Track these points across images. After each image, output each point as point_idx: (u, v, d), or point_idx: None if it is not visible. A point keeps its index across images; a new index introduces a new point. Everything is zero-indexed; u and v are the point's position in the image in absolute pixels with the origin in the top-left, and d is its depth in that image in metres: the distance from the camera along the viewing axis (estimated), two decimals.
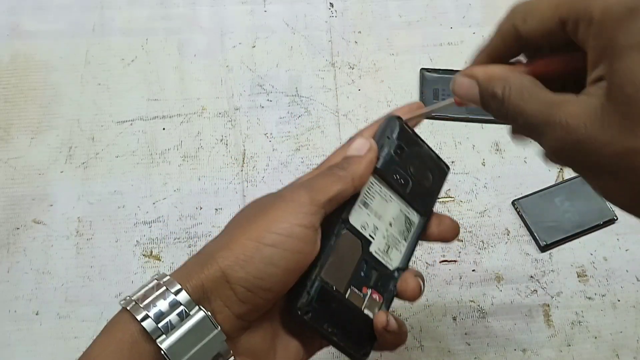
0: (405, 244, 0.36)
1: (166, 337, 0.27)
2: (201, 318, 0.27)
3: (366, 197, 0.34)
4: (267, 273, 0.28)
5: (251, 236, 0.29)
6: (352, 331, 0.33)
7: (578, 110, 0.24)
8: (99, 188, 0.53)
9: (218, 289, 0.28)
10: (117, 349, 0.27)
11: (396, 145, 0.35)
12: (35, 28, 0.60)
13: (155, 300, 0.27)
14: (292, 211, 0.29)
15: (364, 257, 0.34)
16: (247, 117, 0.57)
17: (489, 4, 0.63)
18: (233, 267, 0.28)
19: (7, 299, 0.49)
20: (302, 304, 0.31)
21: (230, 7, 0.62)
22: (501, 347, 0.49)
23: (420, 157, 0.36)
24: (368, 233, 0.34)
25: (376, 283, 0.34)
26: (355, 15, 0.63)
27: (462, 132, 0.57)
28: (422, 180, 0.36)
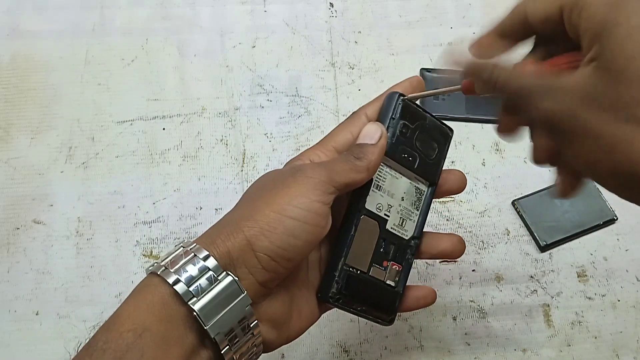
0: (418, 213, 0.38)
1: (197, 299, 0.28)
2: (229, 282, 0.29)
3: (378, 180, 0.36)
4: (289, 244, 0.30)
5: (274, 208, 0.31)
6: (378, 302, 0.37)
7: (572, 79, 0.26)
8: (99, 188, 0.53)
9: (243, 256, 0.30)
10: (148, 309, 0.28)
11: (401, 125, 0.36)
12: (35, 28, 0.60)
13: (185, 265, 0.29)
14: (312, 187, 0.31)
15: (381, 235, 0.37)
16: (247, 117, 0.57)
17: (489, 4, 0.63)
18: (258, 236, 0.30)
19: (7, 299, 0.49)
20: (333, 293, 0.35)
21: (230, 7, 0.62)
22: (501, 347, 0.49)
23: (425, 130, 0.38)
24: (383, 212, 0.37)
25: (394, 255, 0.37)
26: (355, 15, 0.63)
27: (462, 132, 0.57)
28: (428, 151, 0.38)
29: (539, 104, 0.27)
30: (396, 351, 0.49)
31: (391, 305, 0.37)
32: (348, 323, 0.49)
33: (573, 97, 0.25)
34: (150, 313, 0.28)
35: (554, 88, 0.26)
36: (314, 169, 0.33)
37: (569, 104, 0.25)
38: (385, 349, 0.48)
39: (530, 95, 0.27)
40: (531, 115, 0.28)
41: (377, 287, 0.37)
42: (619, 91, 0.24)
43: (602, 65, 0.24)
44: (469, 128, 0.57)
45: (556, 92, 0.26)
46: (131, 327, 0.27)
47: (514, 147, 0.56)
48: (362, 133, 0.35)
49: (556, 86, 0.26)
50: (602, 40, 0.24)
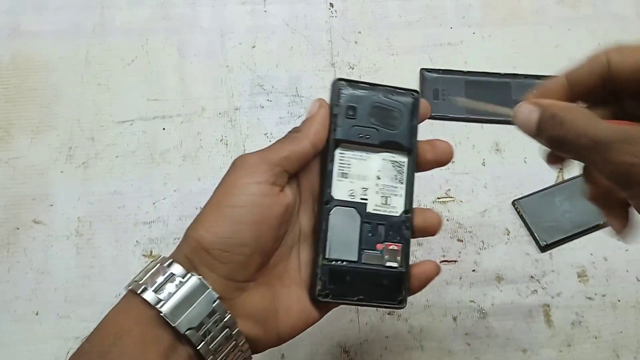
0: (403, 186, 0.37)
1: (165, 302, 0.30)
2: (194, 282, 0.30)
3: (341, 168, 0.36)
4: (234, 231, 0.31)
5: (213, 204, 0.33)
6: (380, 287, 0.35)
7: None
8: (99, 188, 0.53)
9: (199, 257, 0.31)
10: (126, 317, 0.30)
11: (346, 107, 0.36)
12: (36, 28, 0.60)
13: (154, 276, 0.31)
14: (244, 173, 0.33)
15: (363, 220, 0.36)
16: (247, 117, 0.57)
17: (488, 4, 0.63)
18: (203, 234, 0.31)
19: (7, 299, 0.49)
20: (319, 290, 0.34)
21: (231, 7, 0.62)
22: (501, 347, 0.49)
23: (378, 103, 0.36)
24: (359, 197, 0.36)
25: (388, 235, 0.36)
26: (355, 15, 0.63)
27: (462, 132, 0.57)
28: (389, 122, 0.36)
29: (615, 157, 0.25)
30: (396, 351, 0.48)
31: (396, 286, 0.36)
32: (348, 323, 0.49)
33: None
34: (127, 319, 0.30)
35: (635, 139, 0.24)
36: (245, 156, 0.34)
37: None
38: (385, 349, 0.48)
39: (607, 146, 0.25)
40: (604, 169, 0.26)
41: (373, 273, 0.35)
42: None
43: None
44: (469, 128, 0.57)
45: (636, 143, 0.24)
46: (112, 331, 0.30)
47: (514, 147, 0.56)
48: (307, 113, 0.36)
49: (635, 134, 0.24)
50: None
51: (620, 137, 0.25)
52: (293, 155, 0.33)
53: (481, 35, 0.61)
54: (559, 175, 0.56)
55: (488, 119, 0.57)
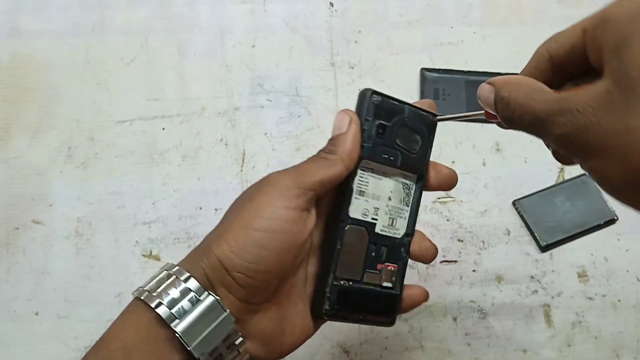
0: (408, 209, 0.37)
1: (180, 321, 0.28)
2: (211, 302, 0.29)
3: (360, 186, 0.35)
4: (260, 256, 0.30)
5: (241, 223, 0.31)
6: (376, 307, 0.36)
7: (586, 97, 0.25)
8: (98, 188, 0.53)
9: (219, 276, 0.30)
10: (135, 331, 0.29)
11: (377, 125, 0.34)
12: (35, 28, 0.60)
13: (167, 288, 0.29)
14: (276, 195, 0.31)
15: (371, 240, 0.35)
16: (247, 117, 0.57)
17: (489, 3, 0.63)
18: (228, 255, 0.30)
19: (6, 299, 0.49)
20: (327, 310, 0.34)
21: (230, 7, 0.62)
22: (502, 347, 0.49)
23: (404, 124, 0.35)
24: (370, 217, 0.35)
25: (388, 256, 0.36)
26: (356, 14, 0.63)
27: (463, 132, 0.57)
28: (411, 145, 0.36)
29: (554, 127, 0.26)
30: (396, 352, 0.48)
31: (390, 307, 0.36)
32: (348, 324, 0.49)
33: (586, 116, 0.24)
34: (136, 334, 0.28)
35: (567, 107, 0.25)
36: (278, 175, 0.32)
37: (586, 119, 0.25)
38: (385, 350, 0.48)
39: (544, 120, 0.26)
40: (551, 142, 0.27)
41: (372, 293, 0.35)
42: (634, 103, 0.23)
43: (617, 79, 0.24)
44: (469, 128, 0.57)
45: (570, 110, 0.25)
46: (120, 347, 0.28)
47: (514, 147, 0.56)
48: (333, 125, 0.34)
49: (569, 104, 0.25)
50: (620, 54, 0.24)
51: (555, 110, 0.26)
52: (327, 179, 0.32)
53: (482, 34, 0.61)
54: (559, 175, 0.55)
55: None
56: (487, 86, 0.30)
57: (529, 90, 0.28)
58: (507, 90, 0.28)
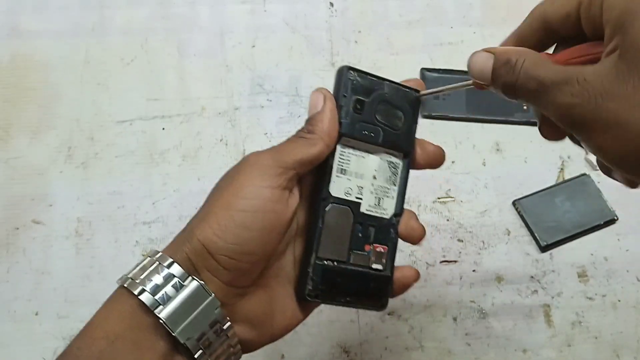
0: (395, 188, 0.36)
1: (164, 307, 0.28)
2: (195, 287, 0.29)
3: (341, 164, 0.34)
4: (243, 238, 0.30)
5: (222, 205, 0.30)
6: (364, 290, 0.34)
7: (594, 70, 0.25)
8: (98, 188, 0.53)
9: (203, 260, 0.29)
10: (119, 318, 0.28)
11: (354, 101, 0.34)
12: (35, 28, 0.60)
13: (150, 275, 0.29)
14: (257, 174, 0.31)
15: (356, 220, 0.34)
16: (247, 117, 0.57)
17: (489, 3, 0.63)
18: (211, 238, 0.29)
19: (6, 299, 0.49)
20: (310, 290, 0.33)
21: (230, 7, 0.62)
22: (502, 347, 0.49)
23: (384, 100, 0.35)
24: (354, 196, 0.34)
25: (376, 237, 0.35)
26: (356, 14, 0.63)
27: (463, 132, 0.57)
28: (392, 121, 0.35)
29: (558, 99, 0.26)
30: (396, 352, 0.48)
31: (380, 289, 0.35)
32: (348, 323, 0.49)
33: (594, 88, 0.25)
34: (120, 321, 0.28)
35: (572, 78, 0.25)
36: (258, 155, 0.32)
37: (591, 93, 0.25)
38: (385, 350, 0.48)
39: (551, 88, 0.26)
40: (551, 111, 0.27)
41: (360, 274, 0.34)
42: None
43: (624, 56, 0.24)
44: (469, 128, 0.57)
45: (574, 81, 0.25)
46: (103, 335, 0.27)
47: (514, 147, 0.56)
48: (309, 105, 0.33)
49: (574, 75, 0.25)
50: (624, 31, 0.24)
51: (561, 78, 0.26)
52: (307, 158, 0.32)
53: (482, 34, 0.61)
54: (559, 175, 0.56)
55: (488, 119, 0.57)
56: (483, 53, 0.30)
57: (535, 58, 0.28)
58: (514, 56, 0.28)
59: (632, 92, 0.24)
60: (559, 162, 0.56)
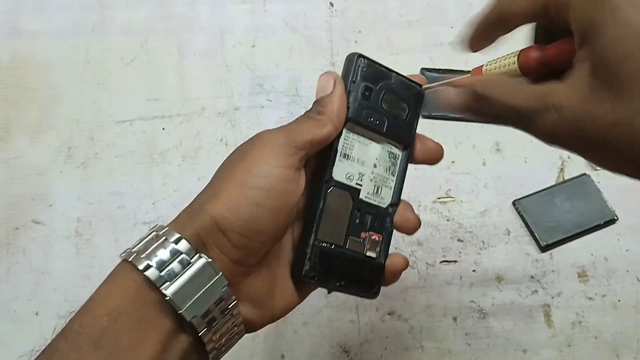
0: (394, 179, 0.36)
1: (170, 284, 0.27)
2: (202, 265, 0.28)
3: (345, 148, 0.34)
4: (255, 215, 0.29)
5: (235, 182, 0.30)
6: (358, 276, 0.35)
7: (568, 92, 0.25)
8: (98, 188, 0.53)
9: (213, 237, 0.29)
10: (122, 294, 0.27)
11: (363, 87, 0.34)
12: (35, 28, 0.60)
13: (156, 250, 0.28)
14: (270, 153, 0.30)
15: (355, 205, 0.35)
16: (247, 117, 0.57)
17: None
18: (223, 214, 0.29)
19: (6, 299, 0.49)
20: (307, 271, 0.33)
21: (230, 7, 0.62)
22: (501, 347, 0.49)
23: (391, 89, 0.35)
24: (355, 182, 0.35)
25: (372, 224, 0.35)
26: (356, 14, 0.63)
27: (463, 132, 0.57)
28: (397, 112, 0.35)
29: (539, 125, 0.26)
30: (396, 352, 0.48)
31: (373, 277, 0.35)
32: (348, 323, 0.49)
33: (572, 113, 0.24)
34: (124, 298, 0.27)
35: (549, 103, 0.25)
36: (271, 132, 0.31)
37: (570, 121, 0.25)
38: (385, 350, 0.48)
39: (528, 119, 0.26)
40: (535, 135, 0.27)
41: (355, 260, 0.35)
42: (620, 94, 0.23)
43: (595, 73, 0.24)
44: (469, 128, 0.57)
45: (552, 111, 0.25)
46: (105, 312, 0.26)
47: (514, 147, 0.56)
48: (317, 88, 0.33)
49: (551, 100, 0.25)
50: (591, 45, 0.24)
51: (536, 105, 0.26)
52: (317, 139, 0.31)
53: None
54: (559, 175, 0.56)
55: None
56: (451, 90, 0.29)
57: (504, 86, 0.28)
58: (482, 88, 0.28)
59: (611, 112, 0.23)
60: (559, 162, 0.56)
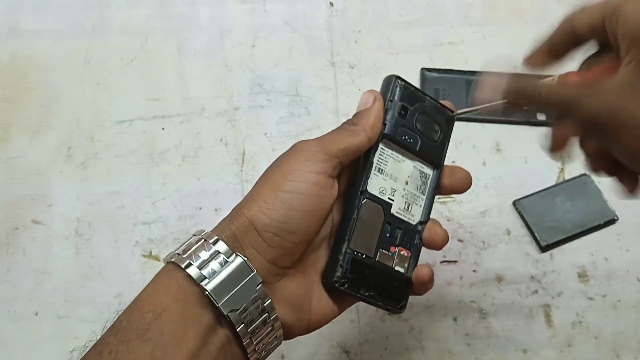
0: (424, 198, 0.38)
1: (209, 281, 0.29)
2: (239, 263, 0.30)
3: (379, 163, 0.36)
4: (288, 217, 0.31)
5: (270, 186, 0.32)
6: (387, 289, 0.36)
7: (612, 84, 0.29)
8: (98, 188, 0.53)
9: (248, 237, 0.31)
10: (165, 292, 0.30)
11: (400, 106, 0.36)
12: (35, 28, 0.60)
13: (197, 251, 0.30)
14: (304, 160, 0.33)
15: (386, 219, 0.36)
16: (246, 117, 0.57)
17: (489, 3, 0.63)
18: (258, 215, 0.31)
19: (6, 299, 0.49)
20: (338, 277, 0.34)
21: (230, 7, 0.62)
22: (502, 347, 0.49)
23: (425, 112, 0.37)
24: (387, 197, 0.36)
25: (402, 240, 0.37)
26: (356, 14, 0.62)
27: (463, 132, 0.57)
28: (430, 134, 0.38)
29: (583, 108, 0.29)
30: (397, 352, 0.48)
31: (400, 291, 0.36)
32: (348, 324, 0.49)
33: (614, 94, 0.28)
34: (167, 295, 0.29)
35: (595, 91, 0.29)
36: (306, 142, 0.34)
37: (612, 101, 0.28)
38: (385, 350, 0.48)
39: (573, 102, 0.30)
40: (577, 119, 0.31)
41: (385, 273, 0.36)
42: None
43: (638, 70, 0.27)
44: (469, 128, 0.57)
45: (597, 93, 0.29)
46: (151, 308, 0.29)
47: (514, 147, 0.56)
48: (359, 104, 0.36)
49: (597, 89, 0.29)
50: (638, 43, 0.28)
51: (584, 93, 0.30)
52: (350, 148, 0.34)
53: (482, 34, 0.61)
54: (559, 175, 0.55)
55: (488, 118, 0.57)
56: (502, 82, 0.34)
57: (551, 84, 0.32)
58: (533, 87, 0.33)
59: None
60: (559, 162, 0.56)
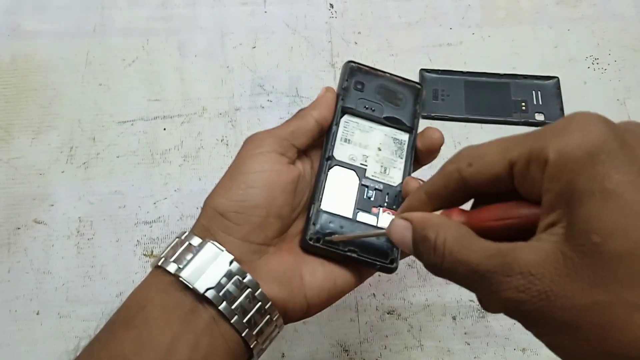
0: (402, 161, 0.39)
1: (184, 268, 0.31)
2: (209, 247, 0.32)
3: (345, 134, 0.38)
4: (247, 194, 0.33)
5: (227, 177, 0.35)
6: (372, 246, 0.35)
7: (537, 257, 0.21)
8: (99, 188, 0.54)
9: (216, 223, 0.33)
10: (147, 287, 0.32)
11: (355, 82, 0.39)
12: (36, 28, 0.61)
13: (174, 249, 0.33)
14: (253, 147, 0.35)
15: (362, 182, 0.37)
16: (247, 118, 0.57)
17: (488, 4, 0.63)
18: (218, 200, 0.34)
19: (7, 299, 0.49)
20: (311, 234, 0.34)
21: (231, 8, 0.63)
22: (501, 346, 0.49)
23: (384, 85, 0.39)
24: (359, 162, 0.38)
25: (385, 201, 0.37)
26: (355, 16, 0.63)
27: (462, 132, 0.57)
28: (394, 101, 0.39)
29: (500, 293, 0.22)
30: (396, 350, 0.49)
31: (387, 246, 0.35)
32: (348, 322, 0.49)
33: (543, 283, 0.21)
34: (149, 289, 0.32)
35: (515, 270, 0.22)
36: (255, 133, 0.36)
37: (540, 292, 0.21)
38: (385, 348, 0.49)
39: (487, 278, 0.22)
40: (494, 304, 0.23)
41: (366, 229, 0.35)
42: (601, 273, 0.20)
43: (574, 241, 0.21)
44: (468, 128, 0.57)
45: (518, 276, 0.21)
46: (136, 302, 0.32)
47: None
48: None
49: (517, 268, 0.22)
50: (569, 210, 0.21)
51: (496, 266, 0.22)
52: (298, 130, 0.36)
53: (480, 35, 0.62)
54: None
55: (488, 119, 0.58)
56: (400, 222, 0.27)
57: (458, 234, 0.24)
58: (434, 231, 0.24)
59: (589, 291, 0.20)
60: None
